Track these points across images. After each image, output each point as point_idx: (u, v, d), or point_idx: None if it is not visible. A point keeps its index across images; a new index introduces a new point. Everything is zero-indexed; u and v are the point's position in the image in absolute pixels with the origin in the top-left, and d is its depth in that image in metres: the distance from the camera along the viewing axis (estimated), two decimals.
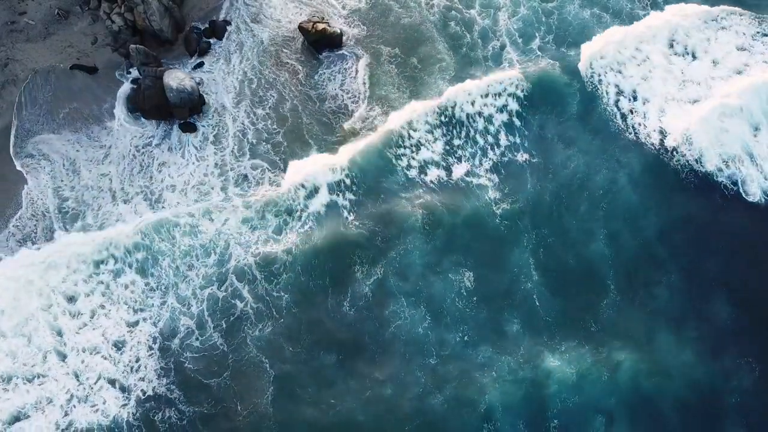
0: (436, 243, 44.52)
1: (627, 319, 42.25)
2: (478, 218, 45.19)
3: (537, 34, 51.45)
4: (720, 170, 45.67)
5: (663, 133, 47.06)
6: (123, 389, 40.97)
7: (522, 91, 48.62)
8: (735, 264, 43.45)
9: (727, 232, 44.23)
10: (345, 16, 52.80)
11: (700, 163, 45.97)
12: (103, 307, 43.04)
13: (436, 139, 47.57)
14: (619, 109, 48.12)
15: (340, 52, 51.04)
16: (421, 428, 40.09)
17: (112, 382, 41.20)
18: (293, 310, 42.86)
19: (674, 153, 46.50)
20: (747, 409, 39.98)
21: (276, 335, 42.20)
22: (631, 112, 47.86)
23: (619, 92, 48.48)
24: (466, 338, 42.04)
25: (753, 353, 41.11)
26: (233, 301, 43.02)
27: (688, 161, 46.17)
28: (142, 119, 48.84)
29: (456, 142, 47.61)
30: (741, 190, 45.25)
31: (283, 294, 43.19)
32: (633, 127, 47.54)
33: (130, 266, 43.89)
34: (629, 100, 48.26)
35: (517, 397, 40.48)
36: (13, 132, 48.03)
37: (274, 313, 42.72)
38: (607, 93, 48.60)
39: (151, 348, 41.99)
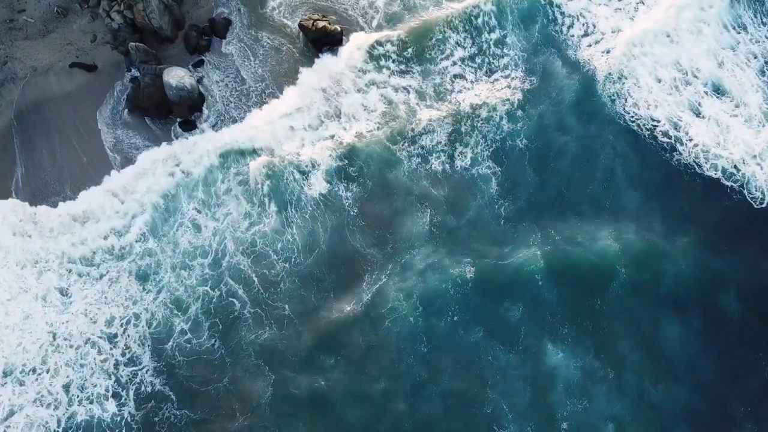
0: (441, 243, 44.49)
1: (633, 315, 42.31)
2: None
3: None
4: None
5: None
6: (120, 386, 41.31)
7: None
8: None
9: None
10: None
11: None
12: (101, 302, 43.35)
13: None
14: None
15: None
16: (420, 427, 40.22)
17: (108, 379, 41.56)
18: (294, 319, 42.92)
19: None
20: (755, 409, 40.09)
21: (274, 339, 42.33)
22: None
23: None
24: (463, 332, 42.12)
25: (761, 352, 41.20)
26: (231, 300, 43.22)
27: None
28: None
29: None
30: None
31: (282, 303, 43.22)
32: None
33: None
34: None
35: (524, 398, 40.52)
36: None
37: (272, 320, 42.82)
38: None
39: (144, 345, 42.20)
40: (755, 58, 48.25)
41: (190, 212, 45.36)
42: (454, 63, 49.41)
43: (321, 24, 50.16)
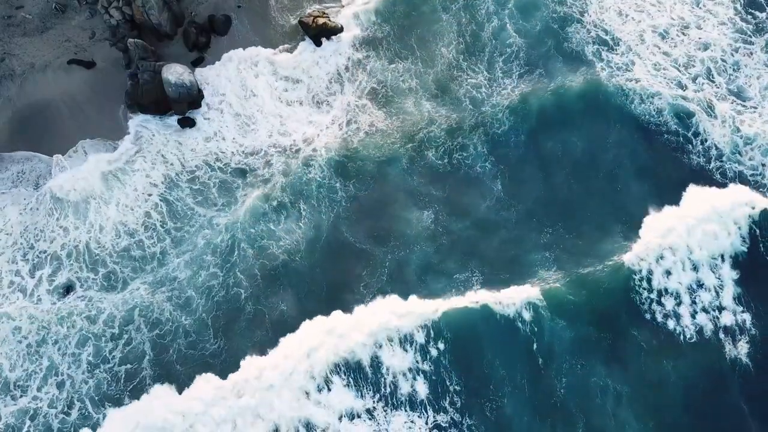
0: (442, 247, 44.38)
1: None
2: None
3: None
4: None
5: None
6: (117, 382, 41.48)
7: None
8: None
9: None
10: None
11: None
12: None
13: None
14: None
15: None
16: None
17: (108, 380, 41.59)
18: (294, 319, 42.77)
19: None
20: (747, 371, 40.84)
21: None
22: None
23: None
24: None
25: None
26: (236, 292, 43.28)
27: None
28: None
29: None
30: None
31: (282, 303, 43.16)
32: None
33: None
34: None
35: None
36: None
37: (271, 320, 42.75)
38: None
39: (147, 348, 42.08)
40: None
41: (199, 211, 45.33)
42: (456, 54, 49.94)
43: (321, 21, 50.00)
